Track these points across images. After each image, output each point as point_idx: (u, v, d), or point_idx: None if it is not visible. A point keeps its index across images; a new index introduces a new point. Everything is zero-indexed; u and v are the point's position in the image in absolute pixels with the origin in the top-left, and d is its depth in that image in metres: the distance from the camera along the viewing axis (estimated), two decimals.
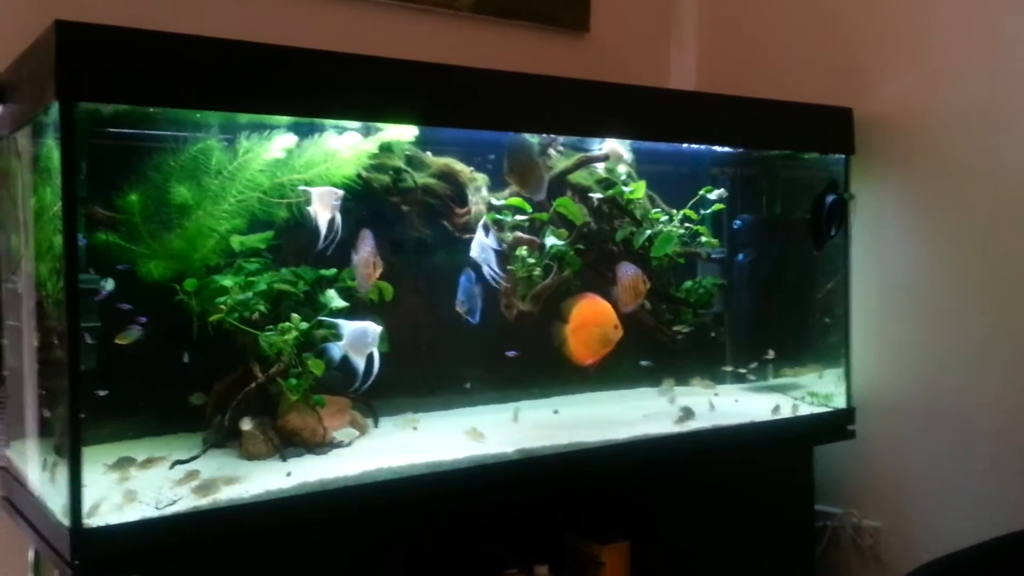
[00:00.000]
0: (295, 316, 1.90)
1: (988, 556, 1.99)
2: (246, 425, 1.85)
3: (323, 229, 1.91)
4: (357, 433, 2.04)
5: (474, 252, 2.08)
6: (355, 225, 1.95)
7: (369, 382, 1.92)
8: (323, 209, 1.90)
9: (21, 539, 1.93)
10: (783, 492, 2.49)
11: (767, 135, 2.46)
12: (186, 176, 1.86)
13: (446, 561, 1.99)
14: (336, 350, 1.92)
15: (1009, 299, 2.32)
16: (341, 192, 1.94)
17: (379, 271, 1.96)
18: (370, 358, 1.91)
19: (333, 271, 1.99)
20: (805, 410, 2.49)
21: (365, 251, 1.95)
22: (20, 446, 1.91)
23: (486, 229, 2.10)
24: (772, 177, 2.77)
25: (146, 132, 1.86)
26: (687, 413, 2.30)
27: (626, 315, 2.26)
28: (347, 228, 1.94)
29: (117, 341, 1.79)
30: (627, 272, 2.25)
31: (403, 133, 2.04)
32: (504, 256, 2.16)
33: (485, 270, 2.08)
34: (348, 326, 1.93)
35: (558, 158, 2.33)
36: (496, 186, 2.24)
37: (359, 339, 1.91)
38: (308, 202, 1.91)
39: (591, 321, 2.20)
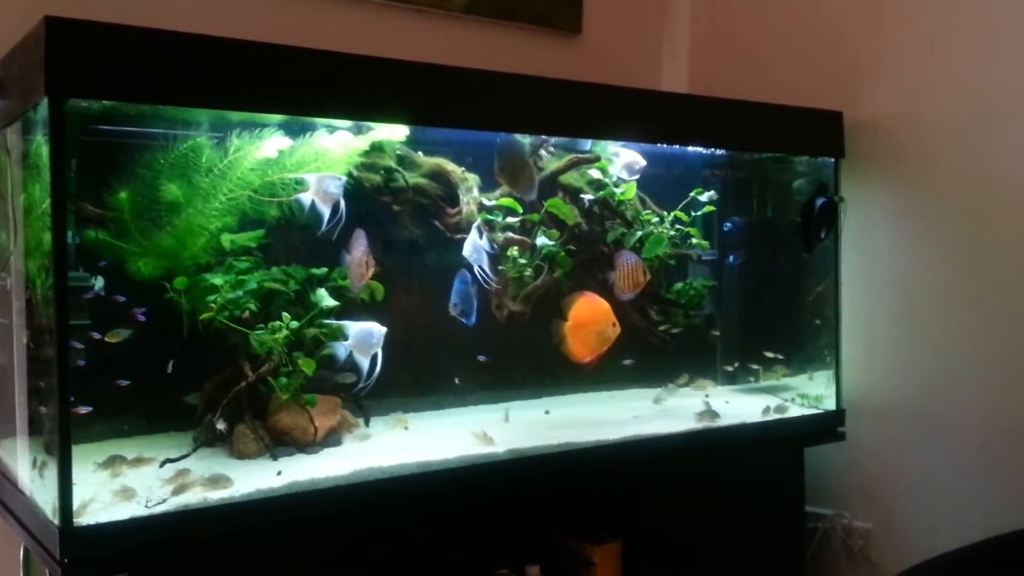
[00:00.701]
0: (285, 315, 1.90)
1: (978, 558, 2.00)
2: (220, 425, 1.84)
3: (326, 213, 1.90)
4: (370, 434, 2.06)
5: (466, 252, 2.08)
6: (346, 223, 1.95)
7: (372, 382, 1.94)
8: (324, 194, 1.90)
9: (11, 537, 1.92)
10: (774, 493, 2.49)
11: (758, 138, 2.47)
12: (176, 174, 1.86)
13: (437, 561, 1.98)
14: (342, 350, 1.93)
15: (999, 302, 2.33)
16: (343, 178, 1.94)
17: (371, 271, 1.96)
18: (374, 358, 1.94)
19: (324, 270, 1.99)
20: (795, 412, 2.49)
21: (358, 251, 1.95)
22: (10, 444, 1.90)
23: (480, 231, 2.10)
24: (763, 180, 2.78)
25: (136, 129, 1.85)
26: (710, 414, 2.33)
27: (619, 315, 2.26)
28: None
29: (107, 339, 1.79)
30: (627, 260, 2.27)
31: (394, 133, 2.04)
32: (496, 259, 2.16)
33: (477, 271, 2.07)
34: (354, 327, 1.95)
35: (549, 159, 2.33)
36: (487, 186, 2.24)
37: (365, 340, 1.94)
38: (307, 188, 1.90)
39: (589, 319, 2.21)
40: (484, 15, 2.64)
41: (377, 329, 1.95)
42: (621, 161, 2.36)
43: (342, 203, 1.92)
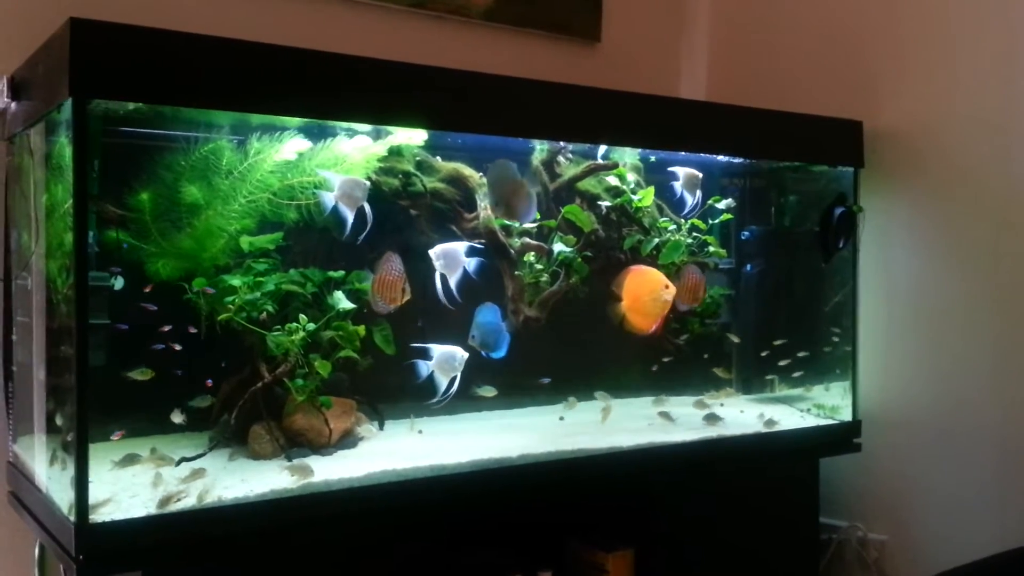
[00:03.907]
0: (302, 317, 1.91)
1: (993, 571, 1.99)
2: (177, 418, 1.84)
3: (349, 217, 1.92)
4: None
5: (434, 252, 2.06)
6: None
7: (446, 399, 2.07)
8: (348, 197, 1.92)
9: (27, 534, 1.93)
10: (788, 504, 2.48)
11: (776, 146, 2.46)
12: (197, 176, 1.87)
13: (449, 566, 1.98)
14: (424, 368, 2.03)
15: (1018, 313, 2.32)
16: (367, 183, 1.95)
17: (407, 298, 1.97)
18: (453, 379, 2.05)
19: (341, 273, 2.00)
20: (811, 422, 2.48)
21: (393, 274, 1.96)
22: (28, 441, 1.92)
23: (472, 251, 2.10)
24: (781, 188, 2.77)
25: (158, 132, 1.87)
26: (769, 422, 2.37)
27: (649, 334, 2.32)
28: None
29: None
30: (692, 274, 2.37)
31: (412, 137, 2.05)
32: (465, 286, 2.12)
33: (438, 280, 2.06)
34: (437, 349, 2.04)
35: (567, 165, 2.34)
36: None
37: (448, 361, 2.06)
38: (330, 188, 1.92)
39: (643, 291, 2.26)
40: (503, 22, 2.65)
41: (460, 353, 2.06)
42: (681, 181, 2.38)
43: (367, 208, 1.94)
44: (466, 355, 2.06)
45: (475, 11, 2.60)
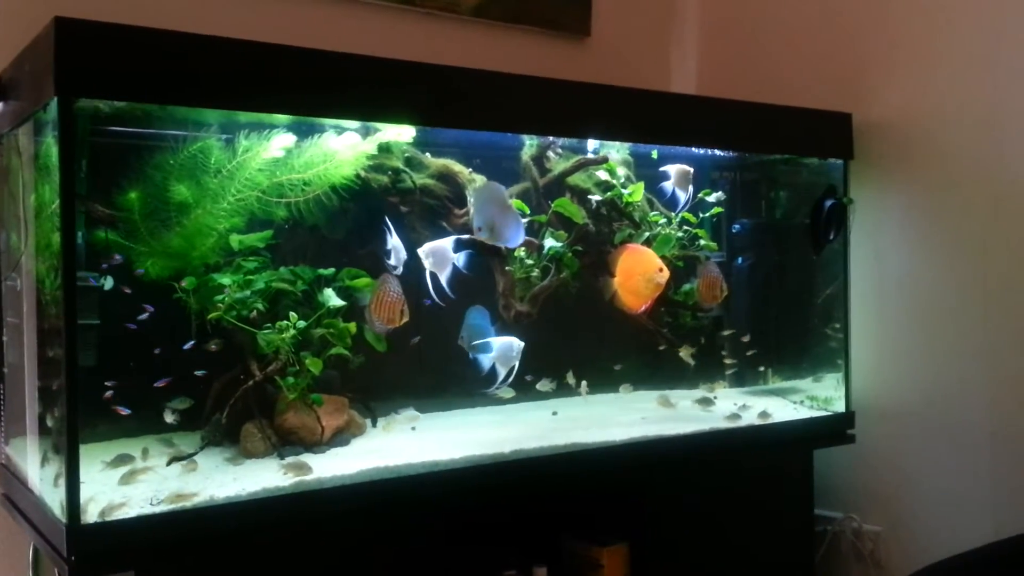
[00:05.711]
0: (292, 314, 1.90)
1: (987, 560, 1.99)
2: (169, 418, 1.84)
3: (390, 258, 2.03)
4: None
5: (423, 251, 2.06)
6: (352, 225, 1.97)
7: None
8: (396, 254, 2.02)
9: (20, 536, 1.93)
10: (783, 496, 2.49)
11: (767, 139, 2.46)
12: (185, 175, 1.87)
13: (444, 562, 1.99)
14: (486, 361, 2.10)
15: (1009, 304, 2.32)
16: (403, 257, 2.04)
17: (405, 320, 1.97)
18: (511, 370, 2.12)
19: (331, 271, 1.99)
20: (805, 414, 2.48)
21: (392, 295, 1.96)
22: (19, 443, 1.91)
23: (458, 244, 2.10)
24: (771, 181, 2.77)
25: (146, 131, 1.87)
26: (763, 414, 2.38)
27: (628, 320, 2.32)
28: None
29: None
30: (710, 272, 2.38)
31: (402, 134, 2.05)
32: (460, 275, 2.12)
33: (427, 277, 2.06)
34: (496, 342, 2.10)
35: (557, 160, 2.34)
36: None
37: (506, 352, 2.10)
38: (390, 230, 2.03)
39: (636, 270, 2.26)
40: (493, 18, 2.65)
41: (517, 343, 2.11)
42: (673, 180, 2.39)
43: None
44: (522, 344, 2.09)
45: (465, 8, 2.59)
